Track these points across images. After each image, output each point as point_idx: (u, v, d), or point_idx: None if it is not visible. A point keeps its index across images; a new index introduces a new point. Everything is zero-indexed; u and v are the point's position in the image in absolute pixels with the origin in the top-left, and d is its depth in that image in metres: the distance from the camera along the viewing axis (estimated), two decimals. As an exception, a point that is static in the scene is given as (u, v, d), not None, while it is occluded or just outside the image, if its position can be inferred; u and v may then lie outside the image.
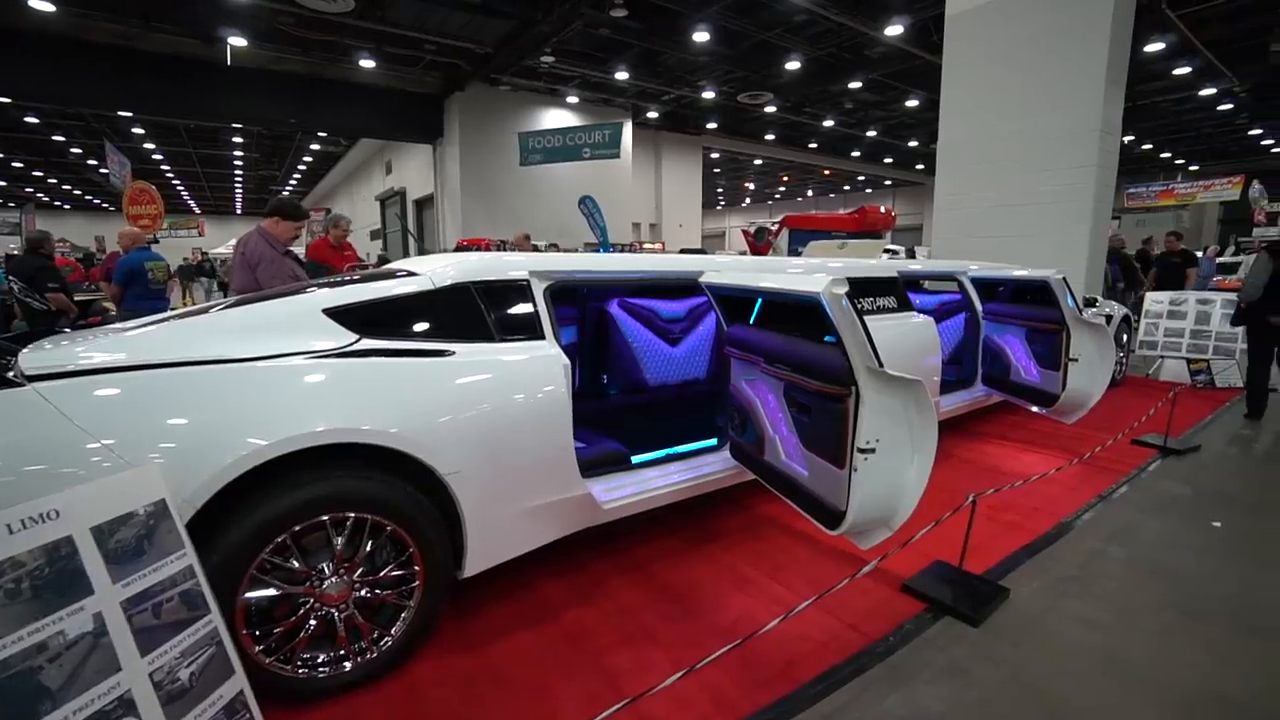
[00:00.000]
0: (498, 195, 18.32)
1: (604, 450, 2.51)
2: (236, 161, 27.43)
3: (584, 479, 2.29)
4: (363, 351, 1.85)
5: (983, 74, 7.31)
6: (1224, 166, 24.26)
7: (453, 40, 14.03)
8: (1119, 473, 3.71)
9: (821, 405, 1.95)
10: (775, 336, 2.22)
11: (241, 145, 24.27)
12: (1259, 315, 4.84)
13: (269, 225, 3.68)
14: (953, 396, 4.25)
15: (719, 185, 35.39)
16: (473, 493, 1.89)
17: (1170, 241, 8.90)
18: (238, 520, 1.54)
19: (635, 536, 2.76)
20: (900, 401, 1.85)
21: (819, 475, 2.03)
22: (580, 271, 2.48)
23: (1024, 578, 2.48)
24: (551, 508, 2.12)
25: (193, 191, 33.91)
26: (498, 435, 1.94)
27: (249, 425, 1.55)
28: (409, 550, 1.79)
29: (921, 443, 1.90)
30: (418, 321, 2.03)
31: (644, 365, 3.63)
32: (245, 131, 21.72)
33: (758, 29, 13.20)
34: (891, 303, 3.63)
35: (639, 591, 2.33)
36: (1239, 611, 2.27)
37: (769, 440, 2.34)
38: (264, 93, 15.94)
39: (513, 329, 2.16)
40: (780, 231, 15.57)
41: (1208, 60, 13.37)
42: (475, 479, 1.89)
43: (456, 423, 1.86)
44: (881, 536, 2.02)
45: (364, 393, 1.75)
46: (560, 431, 2.10)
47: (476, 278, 2.17)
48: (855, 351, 1.76)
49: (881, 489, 1.89)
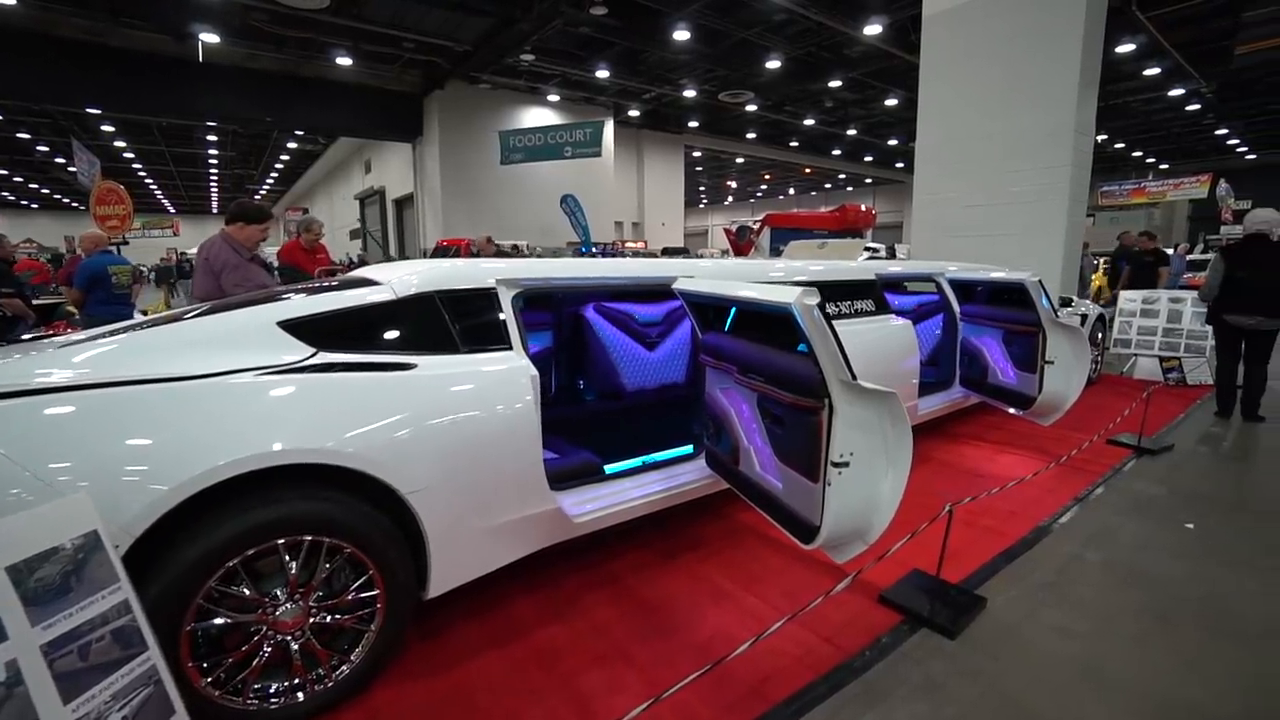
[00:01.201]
0: (479, 194, 18.15)
1: (577, 462, 2.46)
2: (211, 160, 26.92)
3: (555, 492, 2.23)
4: (319, 366, 1.77)
5: (959, 74, 7.36)
6: (1193, 165, 24.87)
7: (431, 38, 13.86)
8: (1095, 474, 3.73)
9: (794, 417, 1.91)
10: (749, 345, 2.18)
11: (216, 144, 23.81)
12: (1217, 315, 4.97)
13: (233, 231, 3.56)
14: (931, 399, 4.25)
15: (701, 184, 35.45)
16: (436, 511, 1.82)
17: (1143, 240, 9.02)
18: (182, 548, 1.45)
19: (611, 548, 2.71)
20: (874, 414, 1.81)
21: (793, 488, 1.99)
22: (549, 278, 2.42)
23: (1002, 585, 2.46)
24: (520, 524, 2.06)
25: (167, 191, 33.21)
26: (462, 450, 1.87)
27: (191, 448, 1.47)
28: (369, 573, 1.72)
29: (896, 455, 1.86)
30: (379, 333, 1.95)
31: (621, 370, 3.57)
32: (220, 130, 21.30)
33: (738, 28, 13.20)
34: (869, 305, 3.61)
35: (613, 607, 2.27)
36: (1212, 615, 2.28)
37: (744, 451, 2.29)
38: (238, 90, 15.62)
39: (479, 339, 2.09)
40: (762, 230, 15.59)
41: (1176, 61, 13.65)
42: (438, 497, 1.82)
43: (418, 439, 1.79)
44: (857, 550, 1.98)
45: (319, 410, 1.68)
46: (528, 444, 2.03)
47: (441, 287, 2.10)
48: (828, 363, 1.72)
49: (856, 503, 1.85)
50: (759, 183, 35.78)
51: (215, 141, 23.39)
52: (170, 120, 18.85)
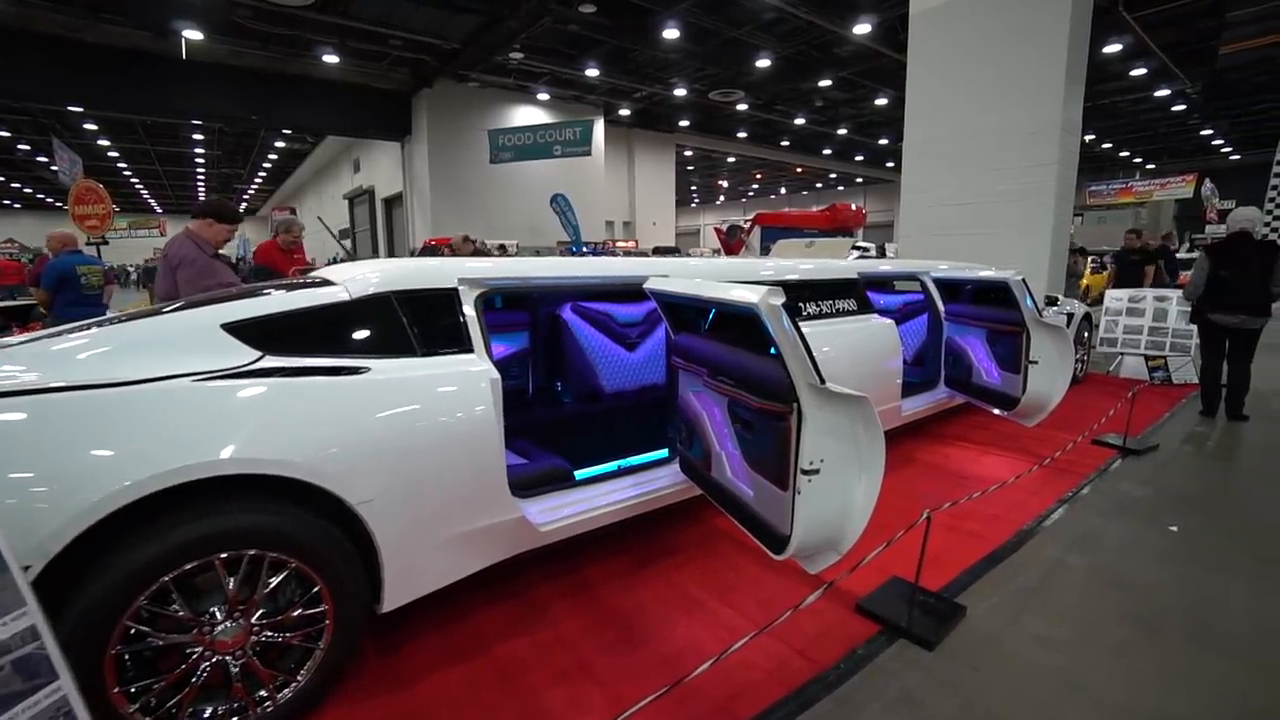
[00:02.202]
0: (468, 193, 18.01)
1: (545, 467, 2.37)
2: (198, 159, 26.61)
3: (520, 500, 2.14)
4: (264, 371, 1.68)
5: (946, 71, 7.32)
6: (1179, 165, 25.06)
7: (418, 35, 13.71)
8: (1079, 475, 3.68)
9: (763, 422, 1.84)
10: (718, 347, 2.11)
11: (203, 142, 23.54)
12: (1201, 313, 4.96)
13: (199, 227, 3.45)
14: (915, 399, 4.19)
15: (693, 183, 35.39)
16: (388, 522, 1.73)
17: (1129, 239, 9.03)
18: (106, 567, 1.36)
19: (584, 555, 2.62)
20: (845, 419, 1.74)
21: (763, 496, 1.91)
22: (515, 278, 2.33)
23: (983, 592, 2.40)
24: (480, 534, 1.98)
25: (153, 190, 32.83)
26: (416, 458, 1.79)
27: (113, 460, 1.37)
28: (316, 588, 1.63)
29: (869, 462, 1.79)
30: (330, 336, 1.86)
31: (600, 372, 3.50)
32: (206, 128, 21.04)
33: (727, 26, 13.14)
34: (852, 305, 3.55)
35: (581, 618, 2.19)
36: (1196, 623, 2.22)
37: (715, 456, 2.22)
38: (223, 88, 15.41)
39: (438, 342, 2.00)
40: (752, 229, 15.55)
41: (1162, 62, 13.71)
42: (391, 507, 1.73)
43: (369, 446, 1.71)
44: (830, 561, 1.91)
45: (261, 417, 1.59)
46: (488, 451, 1.94)
47: (398, 287, 2.01)
48: (795, 366, 1.65)
49: (827, 511, 1.78)
50: (750, 182, 35.77)
51: (201, 140, 23.11)
52: (154, 119, 18.61)
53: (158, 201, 35.75)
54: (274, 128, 20.62)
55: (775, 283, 3.11)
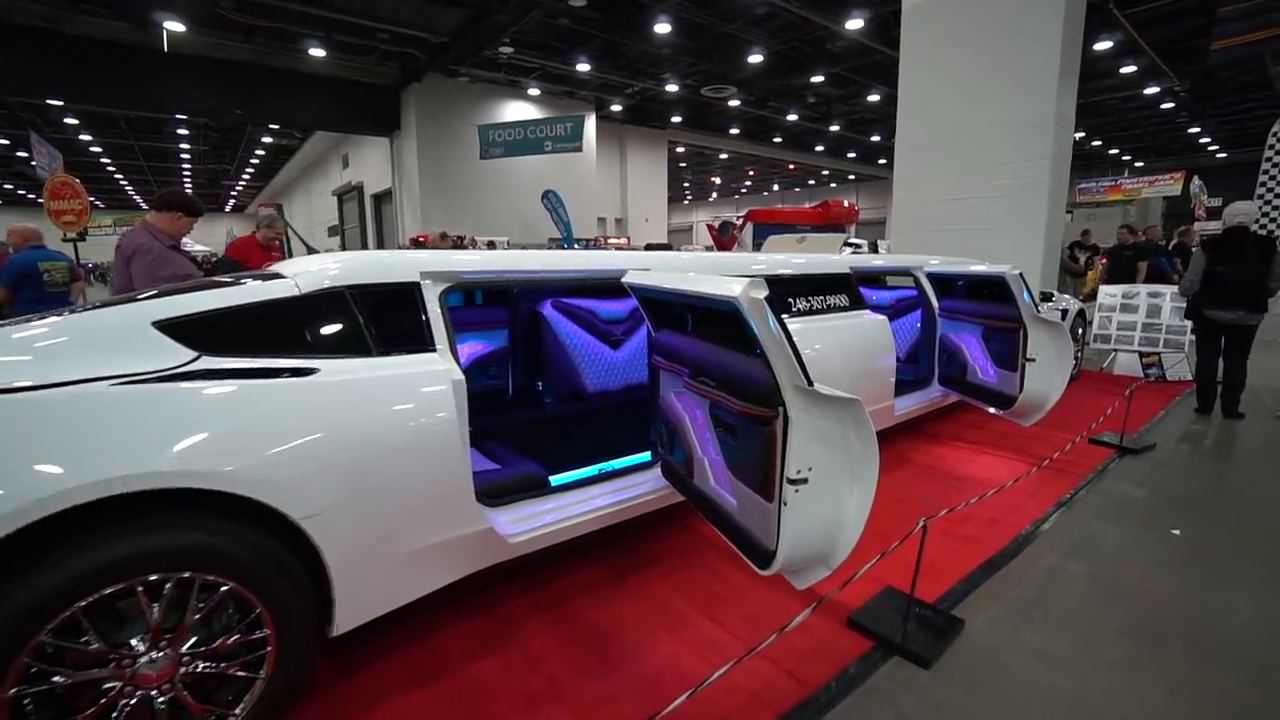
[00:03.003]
0: (459, 190, 17.79)
1: (518, 474, 2.23)
2: (184, 155, 26.23)
3: (489, 509, 2.00)
4: (199, 373, 1.53)
5: (939, 65, 7.21)
6: (1167, 163, 25.13)
7: (406, 29, 13.48)
8: (1077, 475, 3.58)
9: (746, 427, 1.70)
10: (700, 345, 1.96)
11: (188, 137, 23.16)
12: (1197, 310, 4.89)
13: (158, 219, 3.26)
14: (909, 398, 4.08)
15: (685, 180, 35.24)
16: (338, 538, 1.59)
17: (1122, 234, 8.98)
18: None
19: (560, 565, 2.48)
20: (836, 423, 1.61)
21: (747, 507, 1.77)
22: (484, 271, 2.18)
23: (981, 603, 2.28)
24: (443, 548, 1.83)
25: (138, 186, 32.34)
26: (369, 468, 1.64)
27: (12, 475, 1.22)
28: (256, 611, 1.48)
29: (862, 470, 1.66)
30: (276, 334, 1.71)
31: (583, 371, 3.36)
32: (191, 123, 20.68)
33: (719, 21, 12.98)
34: (843, 301, 3.42)
35: (554, 635, 2.05)
36: (1200, 635, 2.11)
37: (697, 462, 2.08)
38: (207, 82, 15.09)
39: (396, 340, 1.85)
40: (745, 225, 15.43)
41: (1151, 60, 13.68)
42: (340, 522, 1.59)
43: (316, 456, 1.56)
44: (820, 576, 1.78)
45: (192, 424, 1.43)
46: (450, 459, 1.80)
47: (354, 281, 1.85)
48: (780, 366, 1.51)
49: (817, 523, 1.64)
50: (743, 179, 35.63)
51: (186, 135, 22.75)
52: (136, 113, 18.25)
53: (143, 198, 35.24)
54: (260, 123, 20.27)
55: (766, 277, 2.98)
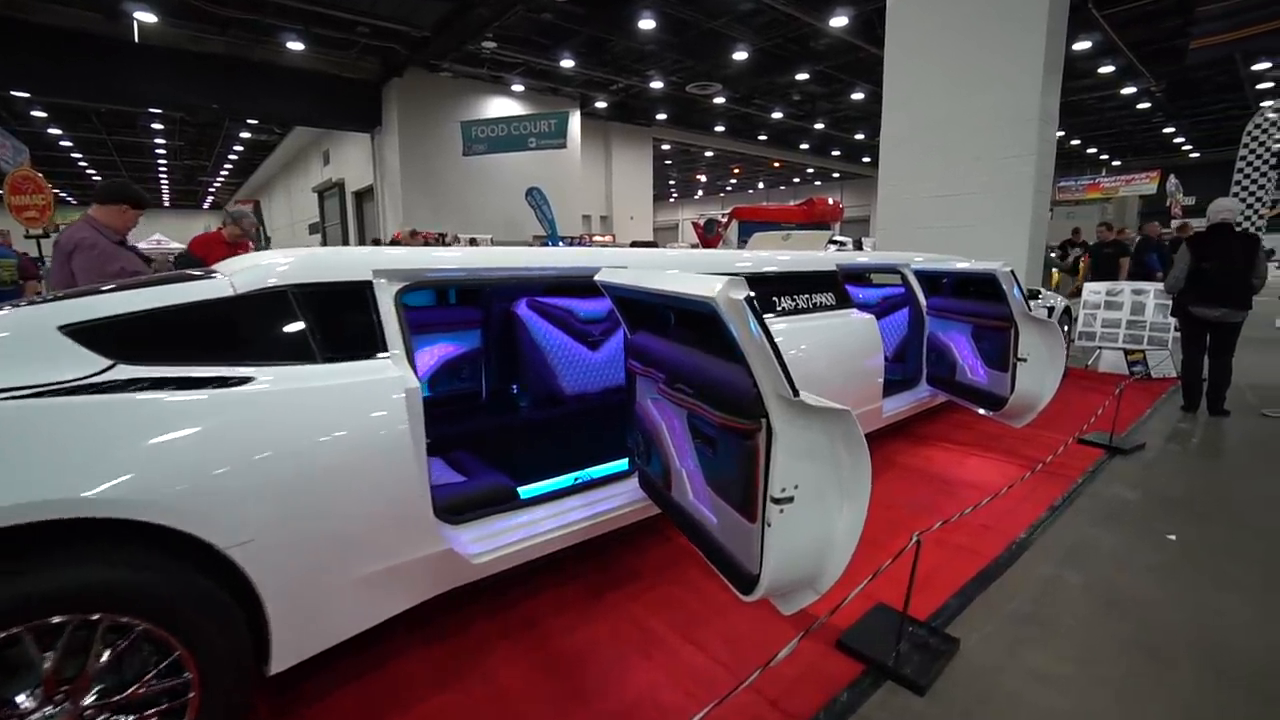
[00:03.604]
0: (441, 187, 17.52)
1: (483, 487, 2.07)
2: (159, 150, 25.55)
3: (450, 527, 1.85)
4: (113, 384, 1.36)
5: (924, 59, 7.13)
6: (1143, 162, 25.50)
7: (386, 22, 13.19)
8: (1068, 478, 3.49)
9: (726, 441, 1.56)
10: (676, 349, 1.82)
11: (163, 132, 22.55)
12: (1183, 307, 4.87)
13: (106, 213, 3.04)
14: (897, 399, 3.97)
15: (671, 177, 35.13)
16: (274, 567, 1.42)
17: (1101, 232, 9.02)
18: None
19: (531, 583, 2.32)
20: (824, 436, 1.47)
21: (728, 526, 1.63)
22: (445, 269, 2.01)
23: (976, 619, 2.16)
24: (396, 572, 1.67)
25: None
26: (310, 487, 1.48)
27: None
28: (175, 654, 1.32)
29: (852, 487, 1.52)
30: (206, 339, 1.53)
31: (560, 373, 3.20)
32: (166, 117, 20.14)
33: (704, 17, 12.86)
34: (830, 299, 3.30)
35: (522, 662, 1.90)
36: (1203, 649, 2.00)
37: (675, 474, 1.93)
38: (181, 75, 14.66)
39: (344, 345, 1.68)
40: (730, 223, 15.32)
41: (1129, 60, 13.79)
42: (276, 549, 1.42)
43: (247, 475, 1.39)
44: (807, 601, 1.64)
45: (102, 442, 1.26)
46: (402, 474, 1.64)
47: (296, 280, 1.68)
48: (763, 374, 1.37)
49: (803, 546, 1.50)
50: (729, 177, 35.58)
51: (161, 130, 22.16)
52: (108, 106, 17.75)
53: (118, 195, 34.47)
54: (237, 118, 19.86)
55: (747, 275, 2.83)
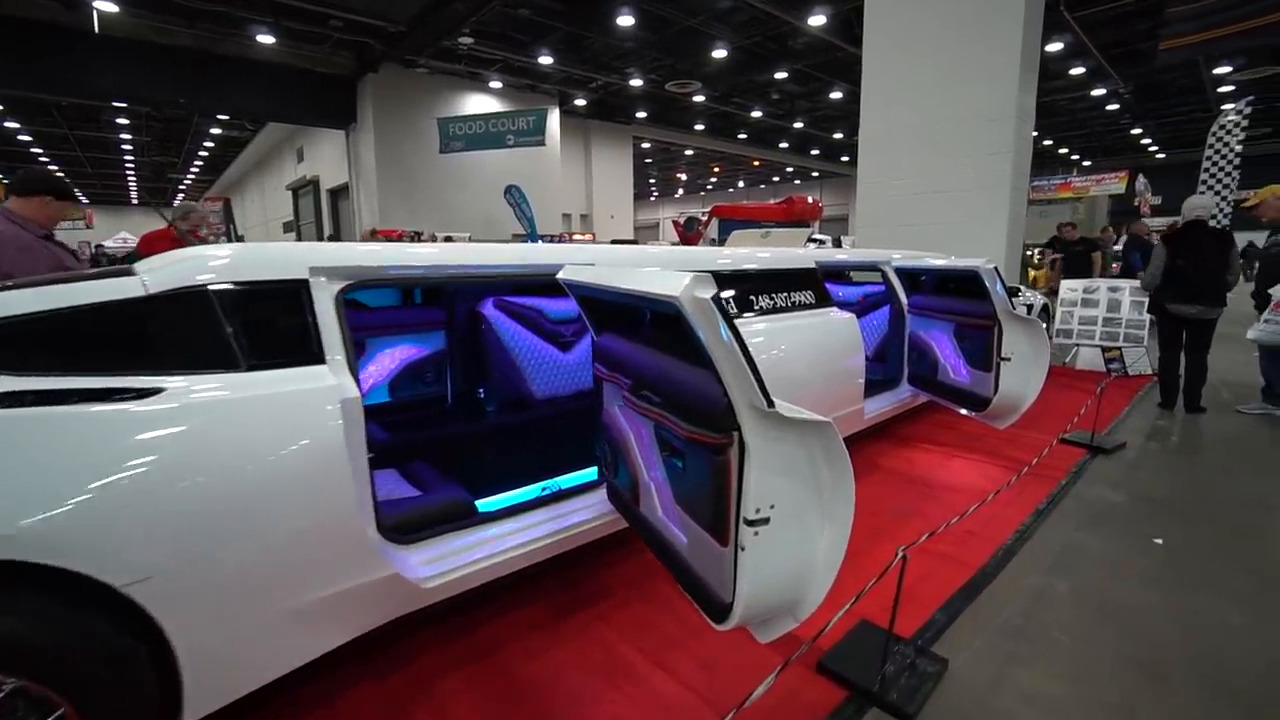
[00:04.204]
0: (418, 184, 17.20)
1: (437, 503, 1.90)
2: (125, 146, 24.77)
3: (398, 548, 1.69)
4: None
5: (902, 56, 7.10)
6: (1112, 162, 26.09)
7: (360, 16, 12.86)
8: (1052, 480, 3.42)
9: (695, 456, 1.42)
10: (642, 353, 1.67)
11: (129, 127, 21.85)
12: (1160, 304, 4.89)
13: (27, 205, 2.78)
14: (878, 399, 3.87)
15: (651, 176, 35.04)
16: (183, 604, 1.25)
17: (1068, 231, 9.16)
18: None
19: (489, 605, 2.16)
20: (803, 451, 1.33)
21: (698, 549, 1.49)
22: (395, 267, 1.84)
23: (964, 634, 2.05)
24: (332, 602, 1.51)
25: (77, 180, 30.56)
26: (224, 512, 1.30)
27: None
28: (58, 711, 1.14)
29: (834, 506, 1.39)
30: (109, 345, 1.35)
31: (529, 376, 3.05)
32: (132, 112, 19.48)
33: (683, 15, 12.75)
34: (809, 298, 3.18)
35: (477, 693, 1.74)
36: (1203, 664, 1.92)
37: (644, 488, 1.79)
38: (146, 68, 14.16)
39: (273, 351, 1.51)
40: (710, 221, 15.25)
41: (1099, 62, 14.00)
42: (185, 584, 1.25)
43: (149, 501, 1.22)
44: (786, 628, 1.49)
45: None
46: (335, 495, 1.47)
47: (219, 278, 1.50)
48: (733, 382, 1.23)
49: (781, 571, 1.36)
50: (709, 175, 35.58)
51: (128, 125, 21.47)
52: (69, 100, 17.12)
53: (83, 191, 33.44)
54: (207, 113, 19.26)
55: (723, 273, 2.69)
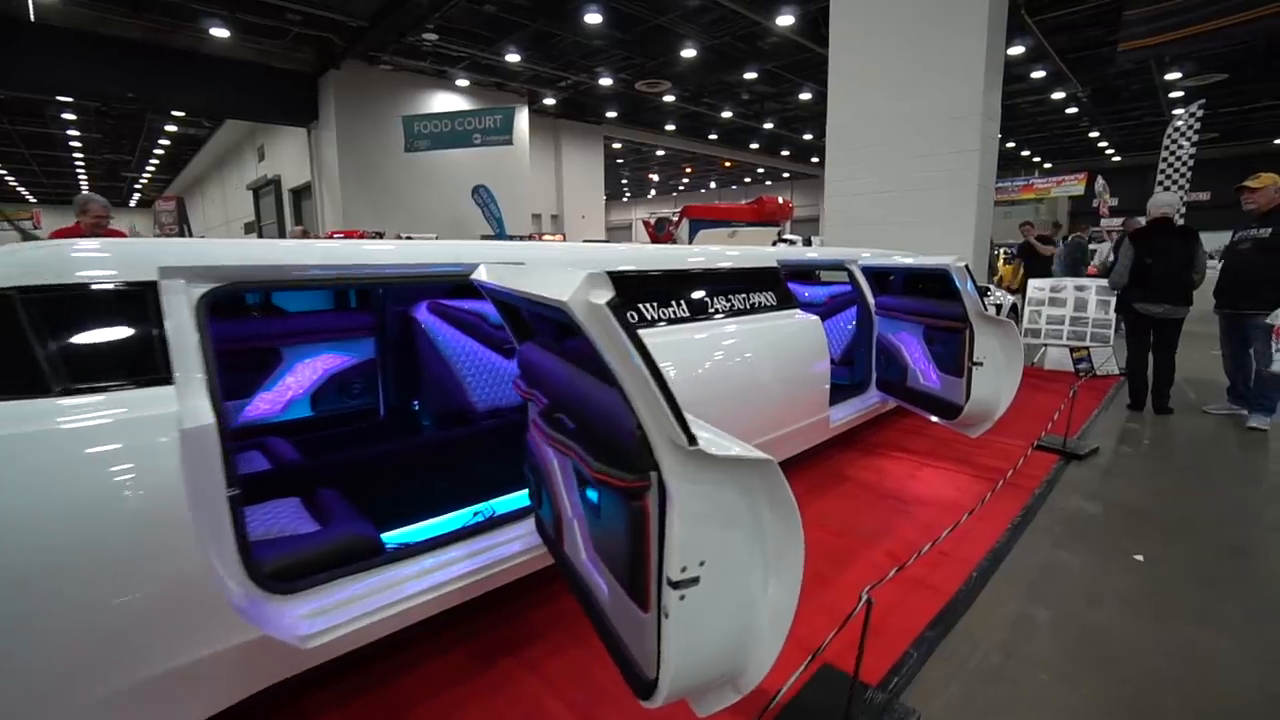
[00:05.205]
0: (382, 184, 16.71)
1: (334, 540, 1.62)
2: (73, 143, 23.68)
3: (278, 599, 1.41)
4: None
5: (868, 55, 7.02)
6: (1071, 164, 26.87)
7: (319, 10, 12.37)
8: (1026, 489, 3.26)
9: (608, 500, 1.17)
10: (557, 369, 1.40)
11: (76, 123, 20.86)
12: (1128, 304, 4.83)
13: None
14: (845, 406, 3.68)
15: (623, 176, 34.86)
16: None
17: (1026, 229, 9.31)
18: None
19: (401, 654, 1.86)
20: (740, 496, 1.08)
21: (619, 610, 1.22)
22: (268, 266, 1.55)
23: (937, 678, 1.84)
24: (185, 674, 1.22)
25: (22, 177, 29.18)
26: (16, 579, 1.03)
27: None
28: None
29: (781, 559, 1.14)
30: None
31: (469, 387, 2.79)
32: (79, 107, 18.56)
33: (652, 13, 12.57)
34: (770, 299, 2.97)
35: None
36: (1198, 705, 1.74)
37: (567, 524, 1.54)
38: (88, 60, 13.44)
39: (98, 370, 1.22)
40: (681, 221, 15.10)
41: (1058, 66, 14.26)
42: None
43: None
44: (728, 700, 1.23)
45: None
46: (175, 547, 1.18)
47: (31, 281, 1.21)
48: (645, 411, 0.98)
49: (716, 639, 1.10)
50: (680, 176, 35.53)
51: (74, 121, 20.49)
52: (6, 94, 16.22)
53: (29, 190, 31.95)
54: (158, 109, 18.44)
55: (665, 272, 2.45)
